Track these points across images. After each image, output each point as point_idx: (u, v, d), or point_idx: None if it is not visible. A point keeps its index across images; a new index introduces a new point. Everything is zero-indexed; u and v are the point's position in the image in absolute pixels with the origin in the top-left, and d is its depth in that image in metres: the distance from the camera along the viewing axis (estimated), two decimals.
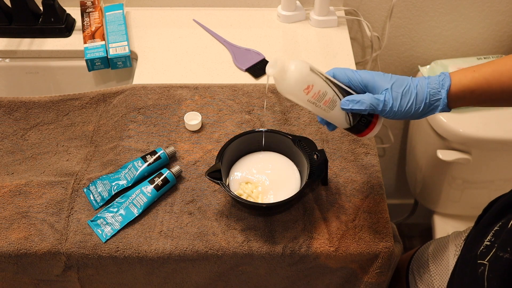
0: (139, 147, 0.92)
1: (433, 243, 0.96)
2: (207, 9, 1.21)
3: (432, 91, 0.68)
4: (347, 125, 0.73)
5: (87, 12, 1.14)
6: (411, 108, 0.68)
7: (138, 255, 0.79)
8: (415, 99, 0.68)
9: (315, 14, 1.16)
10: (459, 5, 1.22)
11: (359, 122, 0.72)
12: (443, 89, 0.68)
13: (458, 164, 1.20)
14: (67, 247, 0.80)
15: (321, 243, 0.80)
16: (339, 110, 0.70)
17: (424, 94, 0.68)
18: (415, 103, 0.68)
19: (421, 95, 0.68)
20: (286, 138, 0.85)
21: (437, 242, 0.95)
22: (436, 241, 0.96)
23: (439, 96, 0.68)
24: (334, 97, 0.69)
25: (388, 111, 0.68)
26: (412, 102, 0.68)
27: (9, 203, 0.85)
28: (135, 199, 0.83)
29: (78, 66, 1.12)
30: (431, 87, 0.68)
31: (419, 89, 0.68)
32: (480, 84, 0.67)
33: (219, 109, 0.98)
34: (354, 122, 0.72)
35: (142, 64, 1.08)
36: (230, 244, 0.80)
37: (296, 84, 0.67)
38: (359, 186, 0.87)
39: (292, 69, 0.67)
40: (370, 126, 0.73)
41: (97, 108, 1.00)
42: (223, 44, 1.13)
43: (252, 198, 0.81)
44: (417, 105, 0.68)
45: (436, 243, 0.95)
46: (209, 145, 0.92)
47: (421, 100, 0.68)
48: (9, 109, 0.99)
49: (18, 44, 1.12)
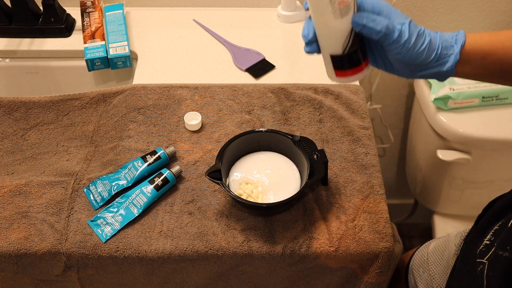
0: (139, 147, 0.92)
1: (433, 243, 0.96)
2: (207, 9, 1.21)
3: (445, 43, 0.63)
4: (339, 50, 0.62)
5: (87, 12, 1.14)
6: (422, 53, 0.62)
7: (138, 255, 0.79)
8: (428, 44, 0.62)
9: None
10: (459, 5, 1.22)
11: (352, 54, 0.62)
12: (457, 44, 0.63)
13: (458, 164, 1.20)
14: (67, 247, 0.80)
15: (321, 243, 0.80)
16: (346, 23, 0.60)
17: (437, 43, 0.63)
18: (428, 49, 0.62)
19: (434, 44, 0.63)
20: (286, 138, 0.85)
21: (437, 241, 0.95)
22: (436, 240, 0.96)
23: (452, 51, 0.63)
24: (351, 3, 0.59)
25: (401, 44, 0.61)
26: (425, 47, 0.62)
27: (9, 203, 0.85)
28: (135, 199, 0.83)
29: (78, 66, 1.12)
30: (444, 39, 0.63)
31: (433, 36, 0.63)
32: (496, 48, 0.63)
33: (219, 109, 0.98)
34: (348, 50, 0.62)
35: (142, 64, 1.08)
36: (230, 244, 0.80)
37: None
38: (359, 186, 0.87)
39: None
40: (358, 68, 0.64)
41: (97, 108, 1.00)
42: (223, 44, 1.13)
43: (252, 198, 0.81)
44: (428, 52, 0.62)
45: (436, 243, 0.95)
46: (209, 145, 0.92)
47: (434, 49, 0.63)
48: (9, 109, 0.99)
49: (18, 44, 1.12)
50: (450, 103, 1.15)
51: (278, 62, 1.09)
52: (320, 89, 1.01)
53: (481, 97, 1.15)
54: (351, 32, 0.61)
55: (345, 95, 1.00)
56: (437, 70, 0.64)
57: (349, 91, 1.01)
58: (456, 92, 1.14)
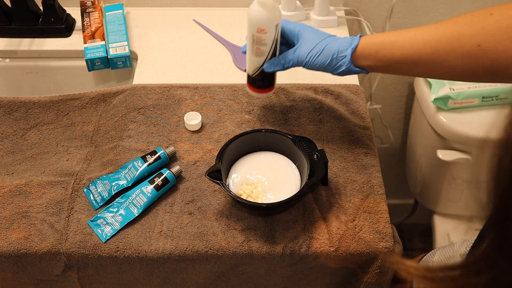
0: (139, 147, 0.92)
1: (438, 252, 0.95)
2: (207, 9, 1.21)
3: (341, 48, 0.79)
4: (251, 73, 0.87)
5: (87, 12, 1.14)
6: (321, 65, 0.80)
7: (138, 255, 0.79)
8: (319, 53, 0.79)
9: (315, 14, 1.16)
10: (459, 5, 1.22)
11: (256, 79, 0.87)
12: (350, 47, 0.78)
13: (458, 164, 1.20)
14: (67, 247, 0.80)
15: (321, 243, 0.80)
16: (259, 61, 0.84)
17: (333, 49, 0.79)
18: (321, 57, 0.80)
19: (329, 51, 0.79)
20: (286, 138, 0.85)
21: (442, 251, 0.94)
22: (441, 250, 0.95)
23: (346, 53, 0.78)
24: (266, 53, 0.83)
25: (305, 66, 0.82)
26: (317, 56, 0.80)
27: (9, 203, 0.85)
28: (135, 199, 0.83)
29: (78, 66, 1.12)
30: (342, 45, 0.79)
31: (330, 46, 0.79)
32: (386, 43, 0.76)
33: (219, 109, 0.98)
34: (255, 75, 0.86)
35: (142, 64, 1.08)
36: (230, 244, 0.80)
37: (262, 18, 0.78)
38: (359, 186, 0.86)
39: (276, 10, 0.79)
40: (259, 90, 0.89)
41: (97, 108, 1.00)
42: (223, 44, 1.13)
43: (252, 198, 0.81)
44: (322, 59, 0.79)
45: (441, 252, 0.94)
46: (209, 145, 0.92)
47: (329, 55, 0.79)
48: (9, 109, 0.99)
49: (18, 44, 1.12)
50: (450, 103, 1.15)
51: None
52: (320, 89, 1.01)
53: (481, 97, 1.15)
54: (260, 67, 0.85)
55: (345, 95, 1.00)
56: (340, 70, 0.80)
57: (349, 91, 1.01)
58: (456, 92, 1.14)
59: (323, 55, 0.80)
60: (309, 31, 0.82)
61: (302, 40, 0.82)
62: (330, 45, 0.79)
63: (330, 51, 0.79)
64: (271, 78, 0.88)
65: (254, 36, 0.81)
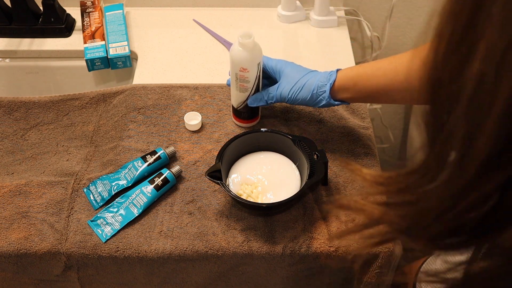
0: (139, 147, 0.92)
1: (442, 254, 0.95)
2: (207, 9, 1.21)
3: (320, 83, 0.82)
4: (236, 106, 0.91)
5: (87, 12, 1.14)
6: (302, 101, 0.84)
7: (138, 255, 0.79)
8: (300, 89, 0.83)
9: (315, 14, 1.16)
10: None
11: (241, 112, 0.92)
12: (329, 82, 0.81)
13: None
14: (67, 247, 0.80)
15: (321, 243, 0.80)
16: (243, 96, 0.89)
17: (313, 85, 0.82)
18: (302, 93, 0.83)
19: (309, 87, 0.82)
20: (286, 138, 0.85)
21: None
22: None
23: (325, 88, 0.81)
24: (250, 89, 0.87)
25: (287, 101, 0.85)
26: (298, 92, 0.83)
27: (9, 203, 0.85)
28: (135, 199, 0.83)
29: (78, 66, 1.12)
30: (321, 80, 0.82)
31: (310, 82, 0.82)
32: (361, 77, 0.79)
33: (219, 109, 0.98)
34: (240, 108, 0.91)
35: (142, 64, 1.08)
36: (230, 244, 0.80)
37: (244, 59, 0.82)
38: (359, 186, 0.86)
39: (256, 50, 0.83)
40: (244, 120, 0.94)
41: (97, 108, 1.00)
42: (223, 44, 1.13)
43: (252, 198, 0.81)
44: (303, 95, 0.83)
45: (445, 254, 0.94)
46: (209, 145, 0.92)
47: (309, 91, 0.82)
48: (9, 109, 0.99)
49: (18, 44, 1.12)
50: None
51: None
52: None
53: None
54: (244, 102, 0.89)
55: None
56: (322, 104, 0.82)
57: None
58: None
59: (304, 91, 0.83)
60: (290, 68, 0.85)
61: (284, 77, 0.85)
62: (310, 81, 0.83)
63: (310, 87, 0.82)
64: (255, 110, 0.92)
65: (237, 74, 0.85)
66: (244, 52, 0.82)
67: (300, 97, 0.83)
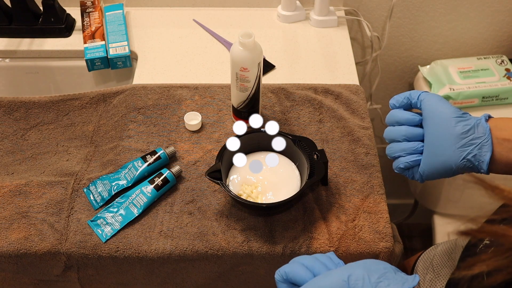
0: (139, 147, 0.92)
1: (440, 246, 0.95)
2: (207, 9, 1.21)
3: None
4: (236, 105, 0.92)
5: (87, 12, 1.14)
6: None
7: (138, 255, 0.79)
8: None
9: (315, 14, 1.16)
10: (459, 5, 1.22)
11: (241, 111, 0.92)
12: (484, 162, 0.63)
13: None
14: (67, 247, 0.80)
15: (321, 243, 0.80)
16: (242, 96, 0.88)
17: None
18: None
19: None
20: (286, 138, 0.85)
21: (445, 245, 0.94)
22: (444, 244, 0.95)
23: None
24: (250, 88, 0.87)
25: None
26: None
27: (9, 203, 0.85)
28: (135, 199, 0.83)
29: (78, 66, 1.12)
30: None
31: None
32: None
33: (219, 109, 0.98)
34: (240, 108, 0.91)
35: (142, 64, 1.08)
36: (230, 244, 0.80)
37: (245, 58, 0.83)
38: (359, 186, 0.86)
39: (257, 49, 0.84)
40: (243, 120, 0.92)
41: (97, 108, 1.00)
42: (223, 44, 1.13)
43: (252, 198, 0.81)
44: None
45: (443, 246, 0.94)
46: (209, 145, 0.92)
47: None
48: (9, 109, 0.99)
49: (18, 44, 1.12)
50: (450, 103, 1.15)
51: (278, 62, 1.09)
52: (320, 89, 1.01)
53: (481, 97, 1.15)
54: (245, 101, 0.89)
55: (345, 95, 1.00)
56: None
57: (349, 91, 1.01)
58: (456, 92, 1.14)
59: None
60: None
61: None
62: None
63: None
64: (255, 110, 0.93)
65: (237, 74, 0.85)
66: (245, 51, 0.83)
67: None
